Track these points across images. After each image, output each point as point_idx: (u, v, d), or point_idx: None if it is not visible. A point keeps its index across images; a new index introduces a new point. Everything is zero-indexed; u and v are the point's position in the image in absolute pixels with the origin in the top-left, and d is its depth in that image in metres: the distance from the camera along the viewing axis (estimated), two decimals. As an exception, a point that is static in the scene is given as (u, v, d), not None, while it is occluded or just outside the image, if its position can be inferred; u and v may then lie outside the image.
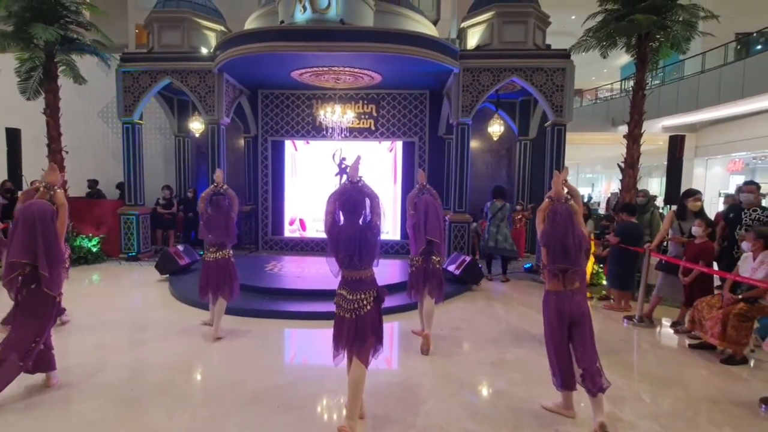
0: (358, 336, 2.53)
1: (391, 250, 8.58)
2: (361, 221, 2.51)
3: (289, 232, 8.98)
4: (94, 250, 7.57)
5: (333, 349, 2.61)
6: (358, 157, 2.63)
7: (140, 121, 8.00)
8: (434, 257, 3.93)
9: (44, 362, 3.07)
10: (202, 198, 4.16)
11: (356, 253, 2.46)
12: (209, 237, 4.10)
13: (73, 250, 7.28)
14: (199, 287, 4.21)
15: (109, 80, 8.61)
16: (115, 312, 4.99)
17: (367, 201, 2.51)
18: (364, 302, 2.54)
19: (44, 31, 6.69)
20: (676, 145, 6.43)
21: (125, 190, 8.08)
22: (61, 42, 7.23)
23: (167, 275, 6.30)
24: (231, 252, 4.22)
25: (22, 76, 7.56)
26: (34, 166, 6.63)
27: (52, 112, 7.57)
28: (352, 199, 2.48)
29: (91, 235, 7.72)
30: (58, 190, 3.03)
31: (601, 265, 6.08)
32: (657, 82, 14.47)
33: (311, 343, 4.39)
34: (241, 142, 9.26)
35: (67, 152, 7.81)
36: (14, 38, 7.04)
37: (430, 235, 3.80)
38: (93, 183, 9.36)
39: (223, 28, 8.24)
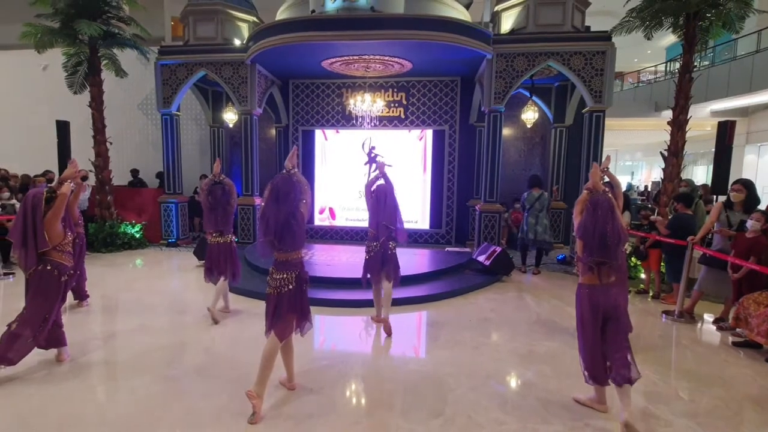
0: (277, 312, 2.75)
1: (420, 239, 8.55)
2: (288, 208, 2.67)
3: (319, 220, 9.12)
4: (138, 236, 7.98)
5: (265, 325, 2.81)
6: (295, 147, 2.99)
7: (178, 113, 8.29)
8: (392, 243, 4.11)
9: (55, 339, 3.32)
10: (201, 189, 4.41)
11: (282, 236, 2.66)
12: (209, 225, 4.41)
13: (118, 236, 7.73)
14: (205, 269, 4.51)
15: (147, 73, 8.97)
16: (157, 295, 5.27)
17: (296, 190, 2.69)
18: (286, 281, 2.76)
19: (88, 26, 7.03)
20: (725, 131, 6.02)
21: (164, 179, 8.44)
22: (103, 37, 7.56)
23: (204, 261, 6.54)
24: (232, 237, 4.51)
25: (69, 71, 8.00)
26: (82, 155, 7.03)
27: (96, 104, 7.98)
28: (277, 188, 2.66)
29: (134, 221, 8.14)
30: (66, 183, 3.24)
31: (638, 260, 5.83)
32: (706, 63, 13.56)
33: (340, 330, 4.49)
34: (273, 131, 9.44)
35: (111, 143, 8.23)
36: (61, 34, 7.44)
37: (386, 220, 4.00)
38: (135, 172, 9.85)
39: (255, 19, 8.37)
